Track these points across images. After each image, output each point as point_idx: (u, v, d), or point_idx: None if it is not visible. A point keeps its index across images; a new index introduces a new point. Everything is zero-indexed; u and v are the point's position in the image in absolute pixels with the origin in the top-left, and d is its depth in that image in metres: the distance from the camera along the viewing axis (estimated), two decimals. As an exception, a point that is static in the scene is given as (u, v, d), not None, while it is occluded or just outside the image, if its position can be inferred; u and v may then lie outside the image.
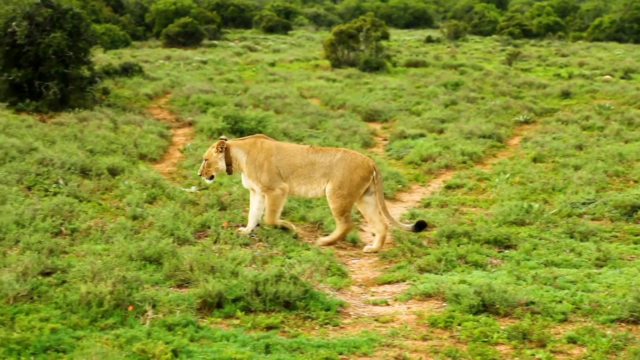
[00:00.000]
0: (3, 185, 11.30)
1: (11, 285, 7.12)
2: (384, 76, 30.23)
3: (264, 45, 46.52)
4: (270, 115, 18.69)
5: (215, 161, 10.28)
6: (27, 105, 19.63)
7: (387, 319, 7.52)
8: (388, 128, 19.74)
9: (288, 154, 10.18)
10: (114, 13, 49.24)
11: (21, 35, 19.82)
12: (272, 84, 27.04)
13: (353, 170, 9.95)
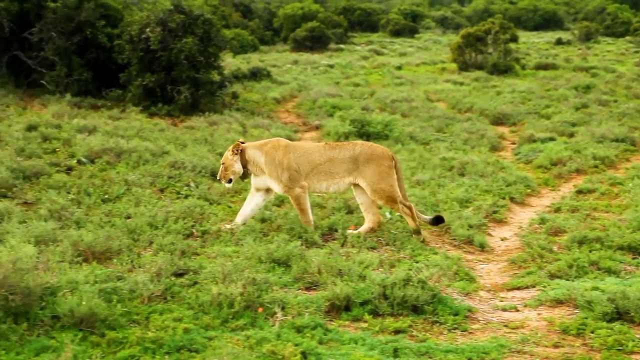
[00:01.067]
0: (137, 187, 11.65)
1: (146, 286, 7.32)
2: (513, 79, 29.76)
3: (391, 49, 46.46)
4: (397, 119, 18.67)
5: (231, 164, 10.37)
6: (159, 109, 20.15)
7: (517, 325, 7.40)
8: (516, 132, 19.42)
9: (305, 152, 10.26)
10: (243, 18, 50.11)
11: (154, 41, 20.38)
12: (398, 88, 27.01)
13: (377, 161, 10.08)
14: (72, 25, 21.67)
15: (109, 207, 10.72)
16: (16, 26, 21.97)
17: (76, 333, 6.29)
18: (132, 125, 16.94)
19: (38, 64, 21.87)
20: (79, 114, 18.52)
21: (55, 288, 6.92)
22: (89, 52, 22.03)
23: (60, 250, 8.17)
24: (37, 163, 12.49)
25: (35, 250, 7.81)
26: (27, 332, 6.23)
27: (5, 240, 8.44)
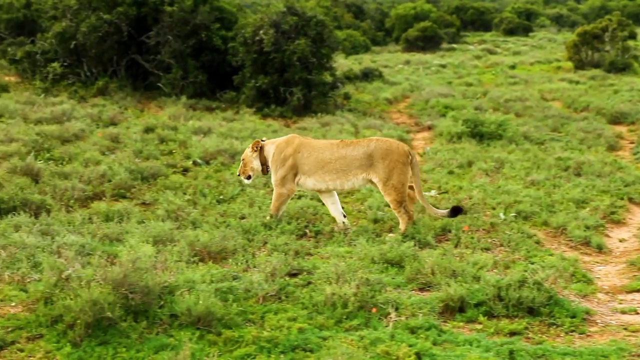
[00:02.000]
0: (251, 188, 11.79)
1: (260, 285, 7.41)
2: (631, 77, 28.96)
3: (504, 48, 45.81)
4: (510, 118, 18.39)
5: (250, 161, 10.55)
6: (272, 110, 20.36)
7: (637, 328, 7.20)
8: (635, 131, 18.88)
9: (316, 150, 10.27)
10: (355, 19, 50.19)
11: (268, 43, 20.61)
12: (512, 87, 26.62)
13: (392, 158, 10.03)
14: (187, 28, 22.11)
15: (224, 208, 10.89)
16: (134, 30, 22.54)
17: (194, 331, 6.41)
18: (246, 127, 17.17)
19: (155, 67, 22.40)
20: (194, 115, 18.89)
21: (173, 287, 7.06)
22: (204, 54, 22.43)
23: (178, 250, 8.33)
24: (154, 164, 12.79)
25: (153, 249, 8.02)
26: (147, 330, 6.37)
27: (124, 240, 8.67)
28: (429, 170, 13.85)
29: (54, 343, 6.12)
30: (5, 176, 11.35)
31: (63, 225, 9.12)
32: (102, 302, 6.26)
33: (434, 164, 14.25)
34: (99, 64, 22.84)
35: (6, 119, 17.04)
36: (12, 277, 7.48)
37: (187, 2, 22.16)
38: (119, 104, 20.15)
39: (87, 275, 6.77)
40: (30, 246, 8.09)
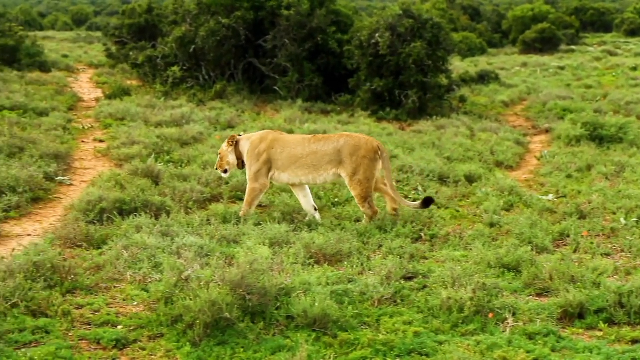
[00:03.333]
0: (366, 191, 11.80)
1: (376, 289, 7.41)
2: None
3: (625, 49, 44.61)
4: (632, 121, 17.89)
5: (226, 155, 10.90)
6: (387, 113, 20.36)
7: None
8: None
9: (289, 146, 10.51)
10: (471, 21, 49.74)
11: (384, 46, 20.62)
12: (633, 90, 25.89)
13: (360, 154, 10.20)
14: (304, 32, 22.31)
15: (339, 211, 10.94)
16: (251, 34, 22.87)
17: (310, 333, 6.46)
18: (361, 130, 17.19)
19: (271, 71, 22.67)
20: (309, 118, 19.03)
21: (290, 289, 7.13)
22: (320, 58, 22.60)
23: (294, 252, 8.41)
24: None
25: (270, 251, 8.11)
26: (264, 331, 6.45)
27: (242, 242, 8.80)
28: (547, 174, 13.61)
29: (174, 342, 6.26)
30: (127, 178, 11.67)
31: (182, 226, 9.32)
32: (220, 303, 6.36)
33: (551, 167, 14.00)
34: (217, 68, 23.27)
35: (128, 122, 17.52)
36: (134, 277, 7.68)
37: (304, 6, 22.35)
38: (236, 107, 20.47)
39: (206, 276, 6.90)
40: (151, 247, 8.29)
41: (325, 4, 23.32)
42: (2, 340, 6.12)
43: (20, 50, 29.48)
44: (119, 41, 32.37)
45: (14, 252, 7.87)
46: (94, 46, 45.39)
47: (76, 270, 7.62)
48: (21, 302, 6.70)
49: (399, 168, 13.20)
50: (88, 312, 6.87)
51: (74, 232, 9.03)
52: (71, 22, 72.06)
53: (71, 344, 6.16)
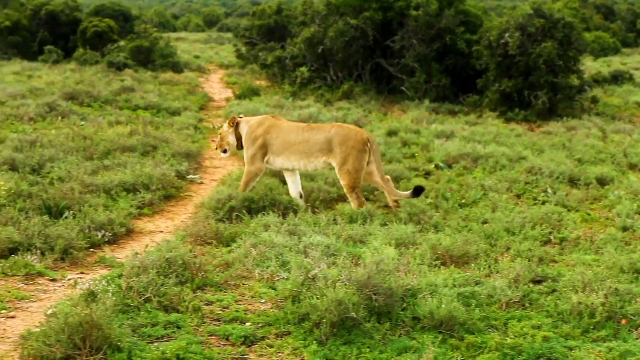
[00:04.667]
0: (494, 193, 11.67)
1: (504, 292, 7.30)
2: None
3: None
4: None
5: (226, 136, 11.35)
6: (516, 114, 20.06)
7: None
8: None
9: (284, 132, 10.91)
10: (605, 20, 48.47)
11: (513, 46, 20.33)
12: None
13: (349, 144, 10.51)
14: (432, 32, 22.20)
15: (466, 212, 10.83)
16: (379, 35, 22.89)
17: (436, 335, 6.41)
18: (489, 131, 17.00)
19: (399, 71, 22.65)
20: (436, 119, 18.93)
21: (416, 290, 7.10)
22: (448, 58, 22.45)
23: (420, 254, 8.37)
24: (397, 167, 12.91)
25: (396, 252, 8.09)
26: (390, 332, 6.44)
27: (368, 242, 8.81)
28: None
29: (301, 341, 6.31)
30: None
31: (309, 226, 9.38)
32: (347, 303, 6.39)
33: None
34: (344, 68, 23.39)
35: (257, 122, 17.77)
36: (262, 275, 7.79)
37: (432, 6, 22.25)
38: (364, 108, 20.52)
39: (333, 275, 6.94)
40: (279, 245, 8.39)
41: (454, 4, 23.15)
42: (136, 333, 6.30)
43: (154, 51, 30.34)
44: (249, 42, 32.91)
45: (147, 248, 8.08)
46: (225, 47, 46.30)
47: (206, 267, 7.77)
48: (154, 297, 6.89)
49: (528, 170, 13.00)
50: (218, 309, 7.00)
51: (204, 230, 9.23)
52: (203, 23, 73.68)
53: (201, 340, 6.29)
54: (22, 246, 8.35)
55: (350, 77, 23.33)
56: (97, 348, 5.79)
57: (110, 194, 10.84)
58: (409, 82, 22.34)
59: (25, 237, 8.45)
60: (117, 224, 9.41)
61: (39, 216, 9.15)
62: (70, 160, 12.32)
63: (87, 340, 5.76)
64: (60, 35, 33.58)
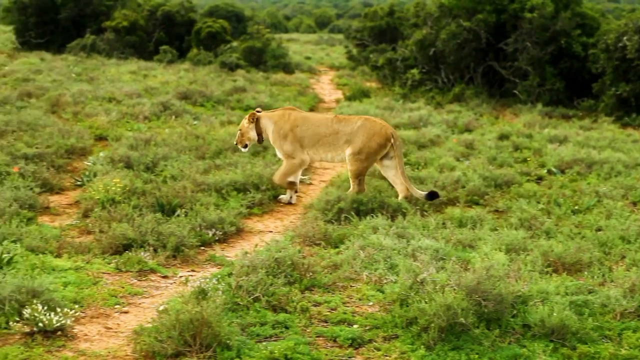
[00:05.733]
0: (609, 199, 11.38)
1: (618, 301, 7.10)
2: None
3: None
4: None
5: (247, 131, 11.48)
6: (633, 119, 19.56)
7: None
8: None
9: (313, 125, 11.16)
10: None
11: (631, 50, 19.82)
12: None
13: (371, 137, 10.83)
14: (547, 35, 21.83)
15: (579, 219, 10.58)
16: (492, 37, 22.63)
17: (547, 344, 6.29)
18: (604, 136, 16.62)
19: (511, 74, 22.35)
20: (549, 123, 18.60)
21: (526, 297, 6.98)
22: (562, 61, 22.04)
23: (530, 260, 8.20)
24: (508, 172, 12.71)
25: (506, 258, 7.96)
26: (499, 338, 6.34)
27: (477, 247, 8.70)
28: None
29: (408, 344, 6.28)
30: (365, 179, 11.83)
31: (418, 229, 9.32)
32: (455, 308, 6.32)
33: None
34: (456, 71, 23.21)
35: (367, 124, 17.77)
36: (370, 277, 7.77)
37: (547, 8, 21.88)
38: (474, 111, 20.31)
39: (442, 279, 6.88)
40: (387, 248, 8.35)
41: (571, 6, 22.71)
42: (244, 332, 6.37)
43: (266, 52, 30.67)
44: (360, 43, 32.97)
45: (257, 248, 8.16)
46: (335, 48, 46.51)
47: (314, 268, 7.80)
48: (263, 297, 6.95)
49: (645, 176, 12.66)
50: (325, 310, 7.02)
51: (313, 231, 9.27)
52: (314, 24, 74.15)
53: (309, 340, 6.31)
54: (136, 243, 8.55)
55: (462, 79, 23.14)
56: (206, 345, 5.89)
57: (221, 192, 10.99)
58: (521, 85, 22.03)
59: (139, 234, 8.64)
60: (227, 222, 9.53)
61: (152, 213, 9.35)
62: (182, 159, 12.55)
63: (197, 337, 5.86)
64: (175, 35, 34.26)
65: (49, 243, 8.48)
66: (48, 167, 11.87)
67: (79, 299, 7.05)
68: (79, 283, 7.45)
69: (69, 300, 6.86)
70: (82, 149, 13.58)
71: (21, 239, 8.35)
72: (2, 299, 6.42)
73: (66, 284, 7.35)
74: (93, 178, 11.21)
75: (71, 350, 6.06)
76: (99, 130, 15.43)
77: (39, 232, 8.84)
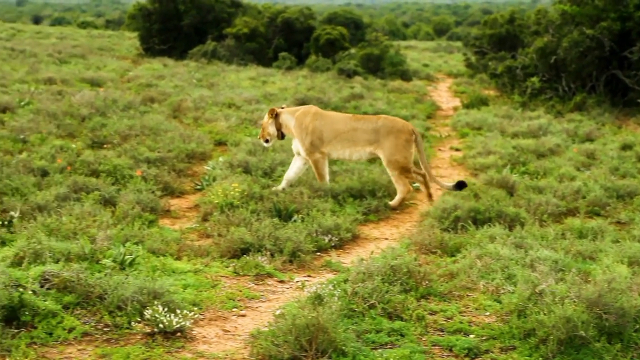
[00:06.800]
0: None
1: None
2: None
3: None
4: None
5: (267, 126, 11.84)
6: None
7: None
8: None
9: (331, 121, 11.47)
10: None
11: None
12: None
13: (397, 135, 11.11)
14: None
15: None
16: (617, 45, 22.08)
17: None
18: None
19: (636, 83, 21.75)
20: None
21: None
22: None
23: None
24: (631, 183, 12.38)
25: (628, 271, 7.75)
26: (621, 353, 6.16)
27: (598, 259, 8.50)
28: None
29: (526, 356, 6.17)
30: (482, 187, 11.72)
31: (536, 239, 9.15)
32: (575, 320, 6.18)
33: None
34: (577, 79, 22.73)
35: (484, 132, 17.61)
36: (487, 287, 7.67)
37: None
38: (596, 120, 19.84)
39: (561, 291, 6.74)
40: (504, 258, 8.23)
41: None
42: (360, 339, 6.37)
43: (384, 59, 30.69)
44: (479, 51, 32.67)
45: (372, 255, 8.16)
46: (454, 56, 46.21)
47: (430, 276, 7.75)
48: (378, 304, 6.94)
49: None
50: (441, 319, 6.97)
51: (429, 239, 9.21)
52: (433, 32, 73.85)
53: (424, 349, 6.28)
54: (253, 247, 8.66)
55: (583, 88, 22.63)
56: (322, 351, 5.92)
57: (337, 199, 11.04)
58: (648, 94, 21.45)
59: (256, 238, 8.76)
60: (343, 228, 9.57)
61: (269, 218, 9.46)
62: (299, 165, 12.66)
63: (313, 342, 5.89)
64: (294, 42, 34.64)
65: (169, 245, 8.67)
66: (169, 171, 12.16)
67: (198, 301, 7.20)
68: (198, 286, 7.60)
69: (188, 303, 7.00)
70: (202, 154, 13.85)
71: (143, 241, 8.56)
72: (125, 299, 6.60)
73: (186, 286, 7.50)
74: (212, 182, 11.43)
75: (190, 352, 6.19)
76: (218, 136, 15.72)
77: (160, 234, 9.06)
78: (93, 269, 7.28)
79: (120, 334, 6.37)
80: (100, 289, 6.78)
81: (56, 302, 6.60)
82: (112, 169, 11.69)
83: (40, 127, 14.60)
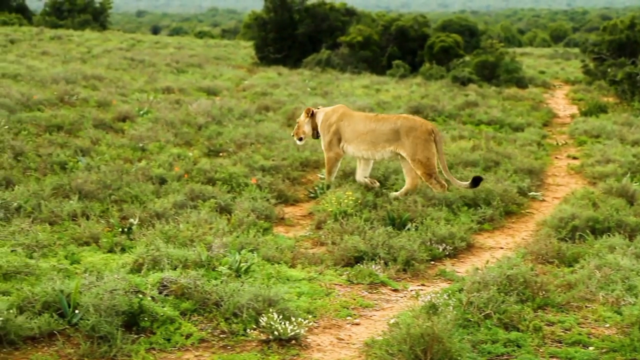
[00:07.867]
0: None
1: None
2: None
3: None
4: None
5: (302, 125, 12.23)
6: None
7: None
8: None
9: (354, 122, 11.65)
10: None
11: None
12: None
13: (417, 134, 11.13)
14: None
15: None
16: None
17: None
18: None
19: None
20: None
21: None
22: None
23: None
24: None
25: None
26: None
27: None
28: None
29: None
30: (601, 196, 11.43)
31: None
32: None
33: None
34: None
35: (603, 140, 17.18)
36: (607, 298, 7.48)
37: None
38: None
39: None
40: (625, 268, 8.02)
41: None
42: (475, 349, 6.30)
43: (499, 66, 30.29)
44: (597, 57, 31.89)
45: (488, 264, 8.05)
46: (571, 62, 45.24)
47: (547, 287, 7.60)
48: (494, 314, 6.85)
49: None
50: (559, 330, 6.83)
51: (546, 248, 9.04)
52: (549, 38, 72.57)
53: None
54: (367, 255, 8.67)
55: None
56: (436, 360, 5.87)
57: (451, 207, 10.93)
58: None
59: (370, 247, 8.76)
60: (457, 237, 9.49)
61: (382, 227, 9.45)
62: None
63: (428, 352, 5.85)
64: (408, 50, 34.52)
65: (283, 253, 8.74)
66: (283, 179, 12.28)
67: (312, 309, 7.23)
68: (312, 293, 7.64)
69: (302, 310, 7.05)
70: (316, 162, 13.92)
71: (258, 249, 8.66)
72: (241, 306, 6.69)
73: (300, 294, 7.55)
74: (326, 191, 11.47)
75: None
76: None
77: (274, 242, 9.14)
78: (209, 276, 7.40)
79: (236, 341, 6.46)
80: (216, 295, 6.88)
81: (174, 308, 6.74)
82: (228, 177, 11.87)
83: (158, 136, 14.92)
